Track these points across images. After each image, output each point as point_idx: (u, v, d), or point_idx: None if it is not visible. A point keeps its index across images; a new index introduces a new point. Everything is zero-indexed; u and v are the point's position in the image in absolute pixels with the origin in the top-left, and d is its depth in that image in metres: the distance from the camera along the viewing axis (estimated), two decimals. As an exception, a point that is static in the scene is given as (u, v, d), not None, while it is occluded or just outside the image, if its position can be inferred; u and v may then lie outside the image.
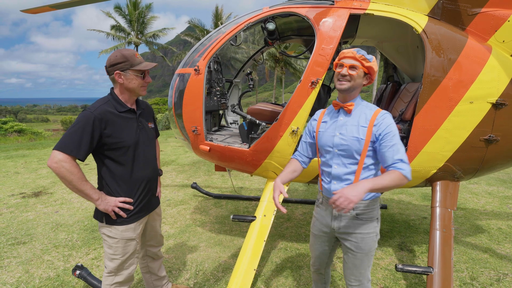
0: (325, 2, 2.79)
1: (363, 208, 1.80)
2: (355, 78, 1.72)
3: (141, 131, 2.02)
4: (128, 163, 1.95)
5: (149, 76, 2.01)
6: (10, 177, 6.92)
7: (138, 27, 28.05)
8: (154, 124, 2.23)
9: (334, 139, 1.81)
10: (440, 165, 2.71)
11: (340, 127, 1.81)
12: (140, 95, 2.00)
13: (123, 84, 1.90)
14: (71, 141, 1.74)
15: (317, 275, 2.23)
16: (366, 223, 1.81)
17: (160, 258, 2.49)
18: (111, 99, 1.92)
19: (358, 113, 1.79)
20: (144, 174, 2.04)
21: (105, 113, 1.83)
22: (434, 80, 2.54)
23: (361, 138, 1.74)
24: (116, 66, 1.86)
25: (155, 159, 2.18)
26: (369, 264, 1.89)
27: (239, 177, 6.82)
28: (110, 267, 2.00)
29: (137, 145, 1.98)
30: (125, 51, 1.89)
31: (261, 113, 3.12)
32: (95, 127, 1.78)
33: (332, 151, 1.82)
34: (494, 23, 2.71)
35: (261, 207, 2.88)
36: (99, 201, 1.86)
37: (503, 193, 5.74)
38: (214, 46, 2.93)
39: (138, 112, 2.03)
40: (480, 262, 3.30)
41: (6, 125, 32.26)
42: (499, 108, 2.59)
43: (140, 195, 2.03)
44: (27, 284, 2.88)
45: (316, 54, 2.59)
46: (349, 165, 1.79)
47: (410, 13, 2.66)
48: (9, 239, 3.81)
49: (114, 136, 1.86)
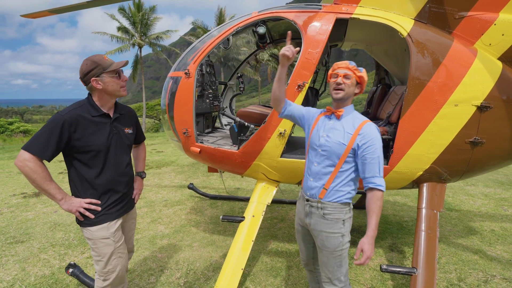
0: (313, 7, 2.84)
1: (330, 209, 1.90)
2: (349, 86, 1.85)
3: (114, 136, 2.02)
4: (97, 166, 1.95)
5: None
6: (12, 177, 7.06)
7: (141, 28, 28.26)
8: (135, 129, 2.21)
9: (320, 140, 1.94)
10: (426, 167, 2.74)
11: (328, 129, 1.93)
12: (121, 95, 2.00)
13: (103, 89, 1.91)
14: (38, 142, 1.79)
15: (309, 273, 2.31)
16: (331, 223, 1.90)
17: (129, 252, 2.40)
18: (86, 103, 1.94)
19: (347, 120, 1.91)
20: (113, 177, 2.03)
21: (76, 117, 1.85)
22: (419, 83, 2.58)
23: (343, 144, 1.85)
24: (90, 74, 1.87)
25: (128, 164, 2.15)
26: (338, 264, 1.94)
27: (236, 178, 6.88)
28: (97, 269, 2.03)
29: (109, 150, 1.98)
30: (94, 57, 1.91)
31: (250, 116, 3.18)
32: (63, 130, 1.80)
33: (316, 150, 1.95)
34: (480, 27, 2.74)
35: (250, 208, 2.93)
36: (63, 201, 1.88)
37: (499, 195, 5.73)
38: (204, 50, 3.00)
39: (114, 117, 2.03)
40: (469, 263, 3.32)
41: (12, 125, 32.68)
42: (484, 111, 2.62)
43: (109, 197, 2.02)
44: (22, 282, 2.96)
45: (303, 58, 2.64)
46: (327, 166, 1.91)
47: (396, 17, 2.70)
48: (8, 238, 3.90)
49: (84, 139, 1.88)
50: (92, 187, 1.95)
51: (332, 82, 1.90)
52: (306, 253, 2.22)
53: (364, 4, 2.82)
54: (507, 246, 3.71)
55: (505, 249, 3.65)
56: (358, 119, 1.89)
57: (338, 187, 1.89)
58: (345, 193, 1.90)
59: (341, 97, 1.86)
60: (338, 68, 1.89)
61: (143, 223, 4.37)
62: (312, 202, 1.96)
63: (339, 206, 1.90)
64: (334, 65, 1.93)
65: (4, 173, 7.54)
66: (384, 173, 2.69)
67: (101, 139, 1.94)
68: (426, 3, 2.76)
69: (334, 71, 1.90)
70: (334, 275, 1.95)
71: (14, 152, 10.73)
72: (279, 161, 2.86)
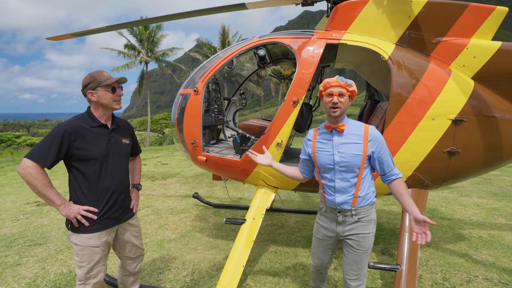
0: (306, 33, 3.24)
1: (363, 213, 2.08)
2: (344, 103, 2.00)
3: (112, 146, 2.16)
4: (95, 174, 2.07)
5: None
6: (25, 187, 7.40)
7: (148, 45, 29.25)
8: (131, 140, 2.37)
9: (335, 158, 2.05)
10: (409, 174, 3.05)
11: (337, 146, 2.06)
12: (114, 109, 2.17)
13: (97, 101, 2.08)
14: (40, 151, 1.92)
15: (318, 275, 2.50)
16: (366, 224, 2.09)
17: (136, 274, 2.52)
18: (86, 115, 2.12)
19: (349, 131, 2.06)
20: (111, 185, 2.14)
21: (76, 128, 2.01)
22: (400, 99, 2.92)
23: (359, 154, 2.02)
24: (87, 87, 2.06)
25: (125, 173, 2.28)
26: (366, 261, 2.17)
27: (239, 189, 7.17)
28: (79, 274, 2.11)
29: (106, 158, 2.11)
30: (93, 72, 2.10)
31: (251, 128, 3.53)
32: (64, 139, 1.95)
33: (334, 168, 2.07)
34: (454, 50, 3.11)
35: (251, 211, 3.23)
36: (62, 207, 1.98)
37: (491, 205, 5.96)
38: (211, 70, 3.39)
39: (112, 128, 2.18)
40: (455, 265, 3.56)
41: (19, 139, 33.39)
42: (459, 124, 2.95)
43: (106, 205, 2.12)
44: (43, 278, 3.25)
45: (297, 78, 3.01)
46: (350, 179, 2.05)
47: (379, 42, 3.08)
48: (26, 241, 4.20)
49: (83, 148, 2.02)
50: (91, 194, 2.07)
51: (327, 101, 2.00)
52: (323, 260, 2.36)
53: (351, 31, 3.21)
54: (493, 251, 3.95)
55: (490, 253, 3.88)
56: (359, 126, 2.07)
57: (365, 191, 2.07)
58: (371, 194, 2.10)
59: (339, 115, 2.01)
60: (330, 87, 1.99)
61: (151, 228, 4.66)
62: (345, 212, 2.09)
63: (369, 207, 2.10)
64: (326, 84, 2.01)
65: (16, 183, 7.89)
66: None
67: (100, 148, 2.08)
68: (406, 30, 3.14)
69: (327, 90, 2.01)
70: (362, 271, 2.15)
71: (24, 164, 11.11)
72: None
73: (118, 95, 2.16)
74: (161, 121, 43.52)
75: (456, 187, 7.44)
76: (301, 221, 4.98)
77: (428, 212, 5.54)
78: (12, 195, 6.70)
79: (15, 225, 4.83)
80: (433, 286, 3.13)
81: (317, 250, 2.34)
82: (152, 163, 11.08)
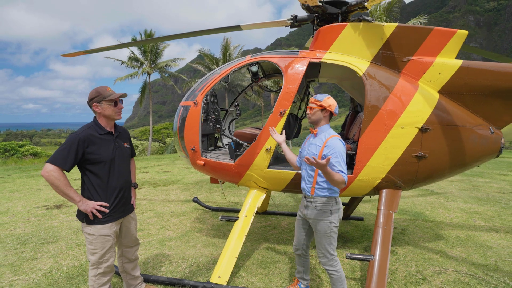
0: (292, 53, 3.69)
1: (319, 202, 2.65)
2: (313, 114, 2.69)
3: (117, 150, 2.53)
4: (105, 174, 2.43)
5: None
6: (33, 193, 7.80)
7: (151, 57, 30.05)
8: (129, 145, 2.76)
9: (303, 152, 2.79)
10: (383, 176, 3.44)
11: (309, 145, 2.76)
12: (115, 119, 2.54)
13: (101, 112, 2.46)
14: (60, 156, 2.27)
15: (297, 257, 3.06)
16: (322, 212, 2.65)
17: (134, 260, 2.90)
18: (94, 125, 2.48)
19: (320, 137, 2.67)
20: (118, 184, 2.52)
21: (88, 136, 2.38)
22: (373, 110, 3.35)
23: (315, 153, 2.63)
24: (93, 100, 2.45)
25: (129, 173, 2.68)
26: (329, 243, 2.66)
27: (236, 194, 7.54)
28: (92, 260, 2.46)
29: (113, 161, 2.48)
30: (99, 88, 2.47)
31: (243, 136, 3.96)
32: (79, 146, 2.31)
33: (303, 161, 2.76)
34: (422, 67, 3.55)
35: (243, 209, 3.63)
36: (81, 203, 2.34)
37: (474, 209, 6.31)
38: (210, 84, 3.83)
39: (116, 135, 2.57)
40: (429, 260, 3.92)
41: (23, 148, 33.90)
42: (425, 131, 3.36)
43: (115, 200, 2.49)
44: (57, 270, 3.63)
45: (283, 92, 3.45)
46: (309, 170, 2.71)
47: (355, 60, 3.52)
48: (39, 240, 4.59)
49: (95, 153, 2.38)
50: (102, 191, 2.46)
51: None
52: (299, 239, 2.96)
53: (332, 50, 3.67)
54: (467, 249, 4.30)
55: (464, 250, 4.24)
56: (328, 135, 2.62)
57: (321, 185, 2.61)
58: (327, 189, 2.62)
59: (310, 122, 2.76)
60: (309, 102, 2.76)
61: (153, 229, 5.04)
62: (307, 198, 2.72)
63: (326, 199, 2.64)
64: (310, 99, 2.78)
65: (25, 189, 8.29)
66: (350, 181, 3.43)
67: (107, 152, 2.47)
68: (380, 50, 3.59)
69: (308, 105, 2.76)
70: (326, 251, 2.68)
71: (30, 172, 11.53)
72: (266, 172, 3.59)
73: (119, 108, 2.56)
74: (163, 131, 44.05)
75: (444, 193, 7.80)
76: (293, 223, 5.34)
77: (413, 215, 5.90)
78: (22, 200, 7.10)
79: (27, 226, 5.22)
80: (406, 277, 3.49)
81: (296, 228, 2.99)
82: (154, 171, 11.49)
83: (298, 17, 3.99)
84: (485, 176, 10.37)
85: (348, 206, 5.37)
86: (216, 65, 30.29)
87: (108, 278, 2.59)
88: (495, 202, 6.93)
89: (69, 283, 3.33)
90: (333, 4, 3.75)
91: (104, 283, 2.56)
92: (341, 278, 2.71)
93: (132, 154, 2.88)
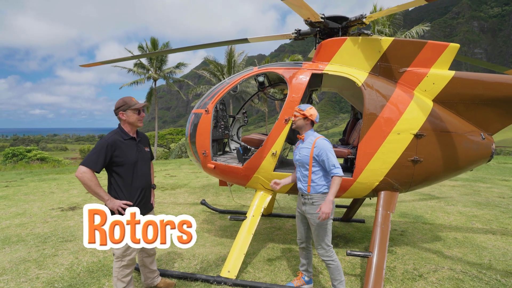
0: (296, 64, 4.00)
1: (316, 198, 2.98)
2: (296, 121, 3.06)
3: (139, 153, 2.84)
4: (129, 176, 2.73)
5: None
6: (47, 196, 8.14)
7: (157, 64, 30.68)
8: (149, 149, 3.06)
9: (296, 156, 3.10)
10: (381, 179, 3.69)
11: (299, 149, 3.10)
12: (138, 126, 2.86)
13: (126, 120, 2.79)
14: (91, 160, 2.60)
15: (301, 250, 3.35)
16: (317, 207, 2.94)
17: (153, 255, 3.18)
18: (119, 131, 2.81)
19: (308, 140, 3.03)
20: (141, 184, 2.82)
21: (115, 141, 2.69)
22: (371, 118, 3.62)
23: (307, 155, 2.98)
24: (120, 108, 2.77)
25: (149, 174, 2.98)
26: (325, 234, 2.96)
27: (242, 198, 7.81)
28: (117, 253, 2.73)
29: (136, 163, 2.78)
30: (125, 98, 2.79)
31: (251, 141, 4.25)
32: (107, 150, 2.63)
33: (296, 164, 3.11)
34: (417, 78, 3.82)
35: (251, 209, 3.89)
36: (109, 201, 2.63)
37: (473, 213, 6.49)
38: (220, 93, 4.14)
39: (138, 140, 2.88)
40: (427, 259, 4.14)
41: (30, 153, 34.52)
42: (420, 137, 3.62)
43: (137, 199, 2.78)
44: (78, 265, 3.91)
45: (288, 100, 3.74)
46: (303, 171, 3.04)
47: (354, 71, 3.81)
48: (58, 238, 4.88)
49: (120, 156, 2.68)
50: (126, 191, 2.77)
51: None
52: (301, 233, 3.27)
53: (333, 62, 3.96)
54: (463, 249, 4.51)
55: (460, 251, 4.45)
56: (314, 137, 2.98)
57: (316, 182, 2.96)
58: (322, 186, 2.96)
59: (294, 127, 3.14)
60: (294, 111, 3.09)
61: (165, 229, 5.30)
62: (304, 196, 3.04)
63: (321, 195, 2.96)
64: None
65: (39, 192, 8.63)
66: (350, 184, 3.68)
67: (131, 155, 2.78)
68: (377, 61, 3.87)
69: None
70: (323, 242, 2.98)
71: (41, 176, 11.92)
72: (272, 174, 3.86)
73: (142, 116, 2.89)
74: (168, 136, 44.48)
75: (445, 198, 7.99)
76: (297, 225, 5.58)
77: (414, 218, 6.11)
78: (37, 202, 7.43)
79: (45, 226, 5.53)
80: (403, 273, 3.72)
81: (297, 223, 3.31)
82: (161, 175, 11.80)
83: (302, 31, 4.30)
84: (487, 182, 10.52)
85: (350, 209, 5.61)
86: (220, 71, 30.79)
87: (130, 270, 2.86)
88: (495, 206, 7.10)
89: (90, 276, 3.61)
90: (334, 19, 4.06)
91: (126, 275, 2.83)
92: (339, 267, 3.00)
93: (151, 157, 3.17)
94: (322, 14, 3.91)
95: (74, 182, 10.27)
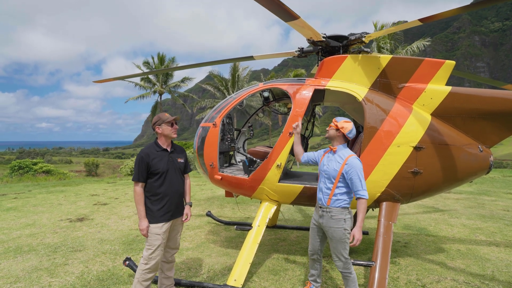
0: (299, 80, 4.20)
1: (335, 211, 3.03)
2: (328, 130, 3.18)
3: (171, 163, 3.12)
4: (159, 183, 3.03)
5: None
6: (55, 207, 8.30)
7: (163, 78, 31.37)
8: (184, 160, 3.29)
9: (324, 167, 3.14)
10: (382, 190, 3.81)
11: (328, 161, 3.15)
12: (172, 137, 3.19)
13: (161, 133, 3.13)
14: (135, 173, 3.01)
15: (311, 261, 3.41)
16: (336, 221, 3.02)
17: (171, 262, 3.33)
18: (153, 144, 3.17)
19: (339, 154, 3.08)
20: (170, 192, 3.08)
21: (148, 153, 3.04)
22: (371, 131, 3.78)
23: (336, 170, 3.03)
24: (155, 124, 3.13)
25: (180, 184, 3.20)
26: (344, 248, 3.02)
27: (247, 210, 7.90)
28: (145, 255, 2.98)
29: (167, 172, 3.07)
30: (159, 114, 3.17)
31: (256, 153, 4.41)
32: (143, 160, 3.00)
33: (322, 174, 3.16)
34: (415, 93, 4.00)
35: (256, 219, 4.01)
36: (141, 221, 2.99)
37: (477, 225, 6.52)
38: (227, 108, 4.34)
39: (170, 151, 3.18)
40: (430, 270, 4.19)
41: (36, 166, 34.91)
42: (419, 150, 3.76)
43: (165, 205, 3.05)
44: (88, 274, 4.02)
45: (292, 115, 3.92)
46: (328, 183, 3.09)
47: (355, 87, 4.00)
48: (68, 248, 5.01)
49: (154, 165, 3.02)
50: (157, 196, 3.05)
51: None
52: (314, 245, 3.31)
53: (335, 78, 4.16)
54: (466, 261, 4.55)
55: (463, 262, 4.49)
56: (346, 153, 3.05)
57: (338, 196, 3.02)
58: (342, 201, 3.02)
59: (326, 137, 3.21)
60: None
61: (171, 240, 5.41)
62: (323, 208, 3.09)
63: (340, 209, 3.02)
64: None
65: (46, 204, 8.79)
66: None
67: (163, 165, 3.08)
68: (377, 77, 4.06)
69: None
70: (342, 255, 3.04)
71: (49, 188, 12.11)
72: (277, 185, 4.00)
73: (175, 128, 3.20)
74: (172, 149, 44.79)
75: (449, 210, 8.01)
76: (301, 236, 5.66)
77: (417, 230, 6.16)
78: (46, 213, 7.58)
79: (55, 236, 5.67)
80: (407, 284, 3.78)
81: (310, 235, 3.34)
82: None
83: (305, 49, 4.53)
84: (491, 195, 10.51)
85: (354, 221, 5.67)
86: (225, 86, 31.31)
87: (151, 275, 3.04)
88: (499, 219, 7.12)
89: (101, 284, 3.72)
90: (335, 38, 4.29)
91: (147, 279, 3.02)
92: (355, 279, 3.09)
93: (185, 169, 3.32)
94: (323, 34, 4.15)
95: (81, 194, 10.44)
